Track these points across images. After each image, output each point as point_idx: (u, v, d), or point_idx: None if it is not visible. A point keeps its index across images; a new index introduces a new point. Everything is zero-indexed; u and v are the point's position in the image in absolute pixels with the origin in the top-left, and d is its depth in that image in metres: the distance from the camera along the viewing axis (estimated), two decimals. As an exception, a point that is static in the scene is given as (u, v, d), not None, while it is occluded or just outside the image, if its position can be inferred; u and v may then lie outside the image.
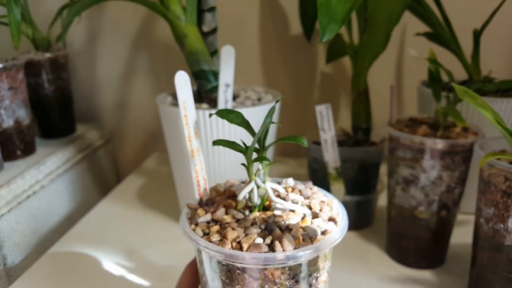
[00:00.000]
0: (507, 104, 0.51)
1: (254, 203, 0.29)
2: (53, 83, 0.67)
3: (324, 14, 0.35)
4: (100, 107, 0.83)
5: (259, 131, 0.27)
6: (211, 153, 0.48)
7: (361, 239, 0.52)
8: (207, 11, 0.51)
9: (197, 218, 0.28)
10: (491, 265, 0.36)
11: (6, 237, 0.51)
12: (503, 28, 0.64)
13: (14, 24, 0.48)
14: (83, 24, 0.77)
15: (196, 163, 0.31)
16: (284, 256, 0.24)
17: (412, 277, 0.45)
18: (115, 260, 0.48)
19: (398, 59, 0.71)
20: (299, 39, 0.72)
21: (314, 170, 0.55)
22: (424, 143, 0.41)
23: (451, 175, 0.42)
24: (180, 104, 0.30)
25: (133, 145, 0.85)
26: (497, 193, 0.34)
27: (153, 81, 0.79)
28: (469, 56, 0.55)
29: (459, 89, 0.34)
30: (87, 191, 0.71)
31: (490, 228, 0.35)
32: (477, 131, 0.44)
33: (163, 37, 0.76)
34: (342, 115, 0.75)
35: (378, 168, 0.54)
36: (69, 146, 0.67)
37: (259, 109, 0.48)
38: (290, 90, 0.75)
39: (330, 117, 0.49)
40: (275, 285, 0.25)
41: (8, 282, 0.51)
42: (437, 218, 0.44)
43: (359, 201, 0.53)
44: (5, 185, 0.52)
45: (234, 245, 0.25)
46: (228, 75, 0.49)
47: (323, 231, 0.27)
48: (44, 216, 0.58)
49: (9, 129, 0.58)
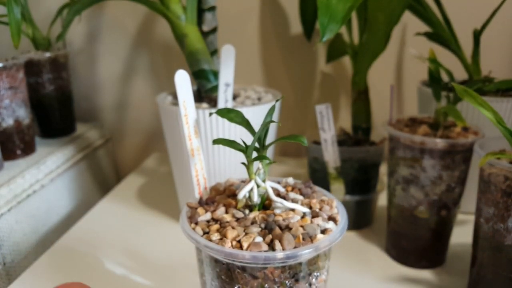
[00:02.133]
0: (507, 104, 0.51)
1: (254, 202, 0.29)
2: (53, 82, 0.67)
3: (324, 13, 0.35)
4: (100, 106, 0.82)
5: (259, 130, 0.27)
6: (211, 152, 0.48)
7: (361, 239, 0.52)
8: (207, 11, 0.51)
9: (197, 217, 0.28)
10: (491, 265, 0.36)
11: (6, 236, 0.51)
12: (503, 28, 0.64)
13: (14, 23, 0.48)
14: (83, 23, 0.77)
15: (196, 162, 0.31)
16: (284, 255, 0.24)
17: (412, 277, 0.45)
18: (115, 259, 0.48)
19: (398, 59, 0.71)
20: (299, 39, 0.72)
21: (314, 170, 0.55)
22: (424, 143, 0.41)
23: (451, 175, 0.42)
24: (180, 103, 0.30)
25: (133, 145, 0.85)
26: (497, 192, 0.34)
27: (153, 81, 0.79)
28: (469, 56, 0.55)
29: (459, 89, 0.34)
30: (87, 191, 0.71)
31: (490, 228, 0.35)
32: (477, 130, 0.44)
33: (163, 36, 0.76)
34: (342, 115, 0.75)
35: (378, 168, 0.54)
36: (69, 145, 0.67)
37: (259, 109, 0.48)
38: (290, 90, 0.75)
39: (330, 117, 0.49)
40: (275, 284, 0.25)
41: (8, 281, 0.51)
42: (437, 218, 0.44)
43: (359, 200, 0.53)
44: (5, 185, 0.52)
45: (234, 244, 0.25)
46: (228, 75, 0.49)
47: (323, 230, 0.27)
48: (44, 215, 0.58)
49: (9, 128, 0.58)
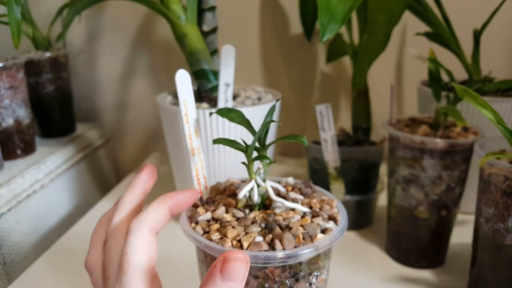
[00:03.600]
0: (507, 103, 0.51)
1: (254, 202, 0.29)
2: (53, 82, 0.67)
3: (324, 13, 0.35)
4: (100, 106, 0.82)
5: (259, 130, 0.27)
6: (212, 152, 0.48)
7: (361, 239, 0.52)
8: (207, 11, 0.51)
9: (197, 216, 0.28)
10: (491, 265, 0.36)
11: (6, 236, 0.50)
12: (503, 28, 0.64)
13: (14, 23, 0.48)
14: (83, 23, 0.77)
15: (196, 161, 0.31)
16: (284, 254, 0.24)
17: (412, 277, 0.45)
18: (115, 259, 0.48)
19: (398, 59, 0.71)
20: (299, 39, 0.72)
21: (314, 170, 0.55)
22: (424, 143, 0.41)
23: (451, 175, 0.42)
24: (181, 103, 0.30)
25: (133, 144, 0.85)
26: (497, 192, 0.34)
27: (153, 80, 0.79)
28: (469, 56, 0.55)
29: (459, 89, 0.34)
30: (87, 191, 0.71)
31: (490, 227, 0.35)
32: (477, 130, 0.44)
33: (163, 36, 0.76)
34: (342, 115, 0.75)
35: (378, 168, 0.54)
36: (69, 145, 0.67)
37: (259, 109, 0.48)
38: (290, 90, 0.75)
39: (330, 117, 0.49)
40: (275, 283, 0.25)
41: (8, 281, 0.51)
42: (437, 218, 0.44)
43: (359, 200, 0.53)
44: (5, 184, 0.52)
45: (234, 243, 0.25)
46: (228, 75, 0.49)
47: (323, 230, 0.27)
48: (44, 215, 0.58)
49: (9, 128, 0.58)
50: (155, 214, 0.25)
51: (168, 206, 0.26)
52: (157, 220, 0.25)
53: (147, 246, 0.24)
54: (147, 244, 0.24)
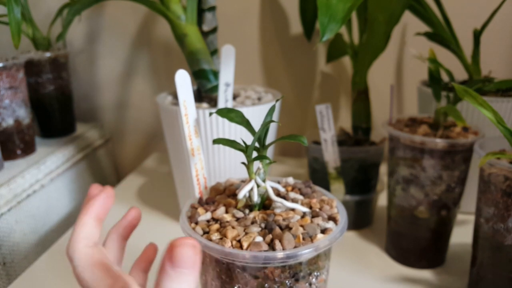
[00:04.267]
0: (507, 103, 0.51)
1: (254, 202, 0.29)
2: (53, 82, 0.67)
3: (324, 13, 0.35)
4: (100, 106, 0.83)
5: (259, 130, 0.27)
6: (211, 152, 0.48)
7: (361, 239, 0.52)
8: (207, 11, 0.51)
9: (197, 216, 0.28)
10: (491, 265, 0.36)
11: (6, 236, 0.50)
12: (503, 28, 0.64)
13: (14, 23, 0.48)
14: (83, 23, 0.77)
15: (196, 161, 0.31)
16: (284, 254, 0.24)
17: (412, 277, 0.45)
18: (115, 259, 0.48)
19: (398, 59, 0.71)
20: (299, 38, 0.72)
21: (314, 170, 0.55)
22: (424, 143, 0.41)
23: (451, 175, 0.42)
24: (181, 103, 0.30)
25: (133, 144, 0.85)
26: (497, 192, 0.34)
27: (153, 81, 0.79)
28: (469, 56, 0.55)
29: (459, 89, 0.34)
30: (87, 191, 0.70)
31: (490, 227, 0.35)
32: (477, 130, 0.44)
33: (163, 36, 0.76)
34: (342, 115, 0.75)
35: (378, 168, 0.54)
36: (69, 145, 0.67)
37: (259, 109, 0.48)
38: (290, 90, 0.75)
39: (330, 117, 0.49)
40: (275, 283, 0.25)
41: (8, 281, 0.51)
42: (437, 218, 0.44)
43: (359, 200, 0.53)
44: (5, 184, 0.52)
45: (234, 243, 0.25)
46: (228, 75, 0.49)
47: (323, 230, 0.27)
48: (44, 215, 0.58)
49: (9, 128, 0.58)
50: (84, 229, 0.26)
51: (91, 217, 0.27)
52: (88, 232, 0.26)
53: (89, 257, 0.25)
54: (89, 256, 0.25)
